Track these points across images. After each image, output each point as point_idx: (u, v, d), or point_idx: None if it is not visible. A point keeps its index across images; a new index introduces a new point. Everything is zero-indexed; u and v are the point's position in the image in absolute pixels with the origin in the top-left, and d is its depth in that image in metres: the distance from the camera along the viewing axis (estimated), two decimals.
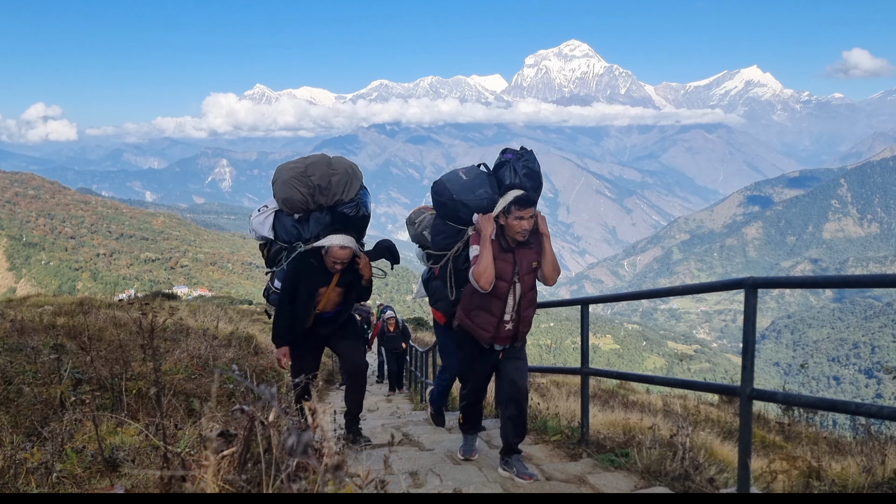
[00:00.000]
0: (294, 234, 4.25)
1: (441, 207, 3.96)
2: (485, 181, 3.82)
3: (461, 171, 3.94)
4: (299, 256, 4.19)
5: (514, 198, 3.55)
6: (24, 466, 2.28)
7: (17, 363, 4.31)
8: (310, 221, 4.23)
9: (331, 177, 4.13)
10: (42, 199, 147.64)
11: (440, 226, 4.02)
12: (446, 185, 3.88)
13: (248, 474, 1.68)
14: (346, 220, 4.22)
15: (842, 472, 3.34)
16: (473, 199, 3.76)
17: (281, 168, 4.29)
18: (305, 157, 4.32)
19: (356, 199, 4.24)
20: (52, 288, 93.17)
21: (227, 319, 14.02)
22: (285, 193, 4.16)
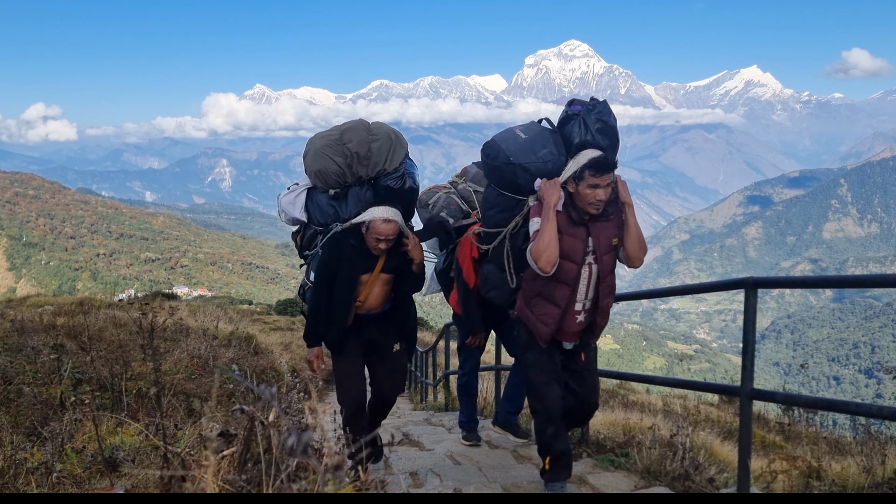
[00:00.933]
0: (330, 213, 3.59)
1: (494, 174, 3.29)
2: (548, 139, 3.17)
3: (518, 129, 3.28)
4: (335, 237, 3.51)
5: (589, 160, 2.89)
6: (24, 466, 2.28)
7: (17, 363, 4.31)
8: (348, 198, 3.56)
9: (370, 143, 3.46)
10: (42, 199, 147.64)
11: (493, 197, 3.37)
12: (500, 145, 3.21)
13: (248, 474, 1.68)
14: (391, 195, 3.51)
15: (842, 472, 3.33)
16: (535, 161, 3.11)
17: (313, 137, 3.66)
18: (341, 124, 3.65)
19: (401, 170, 3.54)
20: (52, 288, 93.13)
21: (227, 319, 14.01)
22: (318, 165, 3.50)
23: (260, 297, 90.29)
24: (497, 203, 3.34)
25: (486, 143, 3.32)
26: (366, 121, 3.63)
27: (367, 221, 3.38)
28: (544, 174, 3.07)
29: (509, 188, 3.23)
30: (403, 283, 3.65)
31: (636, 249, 3.01)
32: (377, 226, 3.36)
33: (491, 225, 3.41)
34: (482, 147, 3.34)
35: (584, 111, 3.14)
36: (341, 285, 3.49)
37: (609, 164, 2.90)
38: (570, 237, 2.94)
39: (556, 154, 3.12)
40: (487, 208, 3.43)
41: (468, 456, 4.20)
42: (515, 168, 3.13)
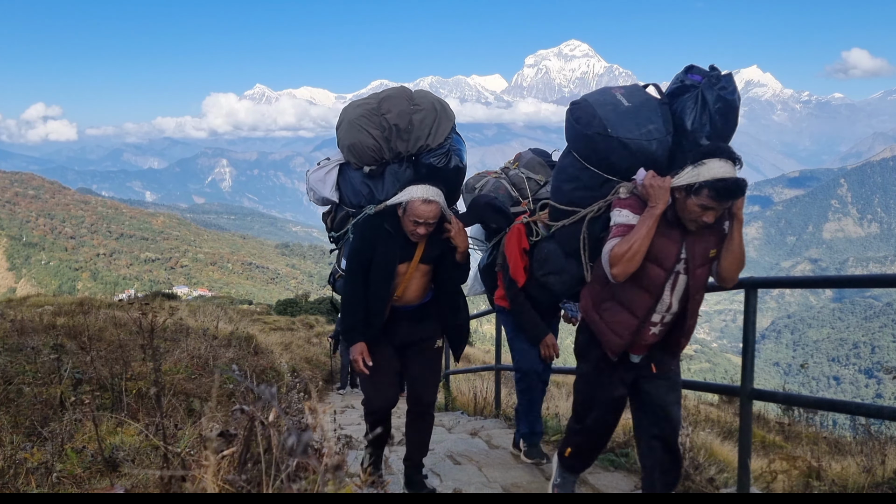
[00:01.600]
0: (364, 194, 3.17)
1: (582, 143, 2.65)
2: (656, 112, 2.55)
3: (619, 93, 2.61)
4: (368, 220, 3.08)
5: (715, 180, 2.31)
6: (24, 466, 2.28)
7: (17, 363, 4.31)
8: (385, 177, 3.13)
9: (412, 115, 3.04)
10: (42, 199, 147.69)
11: (573, 169, 2.72)
12: (597, 111, 2.58)
13: (248, 474, 1.68)
14: (434, 175, 3.07)
15: (842, 472, 3.34)
16: (638, 138, 2.50)
17: (348, 106, 3.25)
18: (380, 92, 3.21)
19: (447, 146, 3.12)
20: (51, 288, 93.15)
21: (227, 319, 14.01)
22: (352, 137, 3.08)
23: (260, 297, 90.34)
24: (577, 178, 2.70)
25: (577, 103, 2.70)
26: (408, 88, 3.21)
27: (404, 202, 2.93)
28: (645, 156, 2.50)
29: (598, 163, 2.60)
30: (445, 275, 3.18)
31: (734, 268, 2.52)
32: (415, 207, 2.91)
33: (564, 201, 2.80)
34: (570, 107, 2.73)
35: (704, 84, 2.52)
36: (375, 277, 3.05)
37: (740, 190, 2.34)
38: (662, 238, 2.45)
39: (664, 132, 2.52)
40: (563, 181, 2.79)
41: (468, 456, 4.20)
42: (612, 142, 2.51)
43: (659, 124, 2.53)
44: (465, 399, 7.34)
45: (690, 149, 2.47)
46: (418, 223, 2.94)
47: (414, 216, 2.93)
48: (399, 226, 3.02)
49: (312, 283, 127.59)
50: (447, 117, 3.14)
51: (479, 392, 7.05)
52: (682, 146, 2.53)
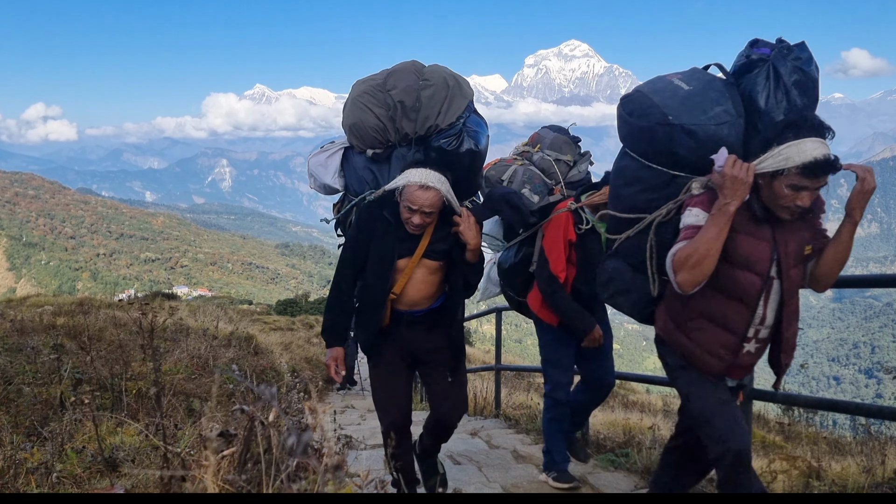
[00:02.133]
0: (368, 181, 2.89)
1: (640, 138, 2.33)
2: (722, 93, 2.22)
3: (676, 78, 2.31)
4: (366, 208, 2.80)
5: (810, 161, 2.00)
6: (23, 466, 2.28)
7: (16, 363, 4.30)
8: (391, 162, 2.84)
9: (420, 91, 2.73)
10: (42, 199, 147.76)
11: (633, 169, 2.37)
12: (652, 98, 2.27)
13: (248, 474, 1.68)
14: (445, 159, 2.74)
15: (842, 472, 3.34)
16: (705, 123, 2.17)
17: (355, 84, 2.95)
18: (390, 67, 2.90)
19: (459, 126, 2.76)
20: (51, 288, 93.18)
21: (227, 319, 14.01)
22: (354, 117, 2.80)
23: (260, 297, 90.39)
24: (638, 179, 2.35)
25: (628, 96, 2.42)
26: (419, 62, 2.89)
27: (401, 187, 2.61)
28: (716, 143, 2.15)
29: (661, 159, 2.27)
30: (453, 275, 2.81)
31: (836, 268, 2.22)
32: (410, 192, 2.57)
33: (625, 208, 2.42)
34: (621, 102, 2.44)
35: (774, 56, 2.20)
36: (372, 271, 2.74)
37: (832, 167, 2.05)
38: (750, 238, 2.14)
39: (734, 114, 2.19)
40: (622, 185, 2.43)
41: (468, 456, 4.20)
42: (675, 131, 2.19)
43: (728, 106, 2.19)
44: None
45: (767, 131, 2.12)
46: (412, 210, 2.60)
47: (408, 202, 2.59)
48: (399, 215, 2.70)
49: (312, 283, 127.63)
50: (461, 94, 2.78)
51: (479, 392, 7.06)
52: (757, 129, 2.18)
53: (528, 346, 68.14)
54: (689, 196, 2.22)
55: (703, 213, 2.14)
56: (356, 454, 4.29)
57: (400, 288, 2.75)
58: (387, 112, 2.75)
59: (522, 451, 4.38)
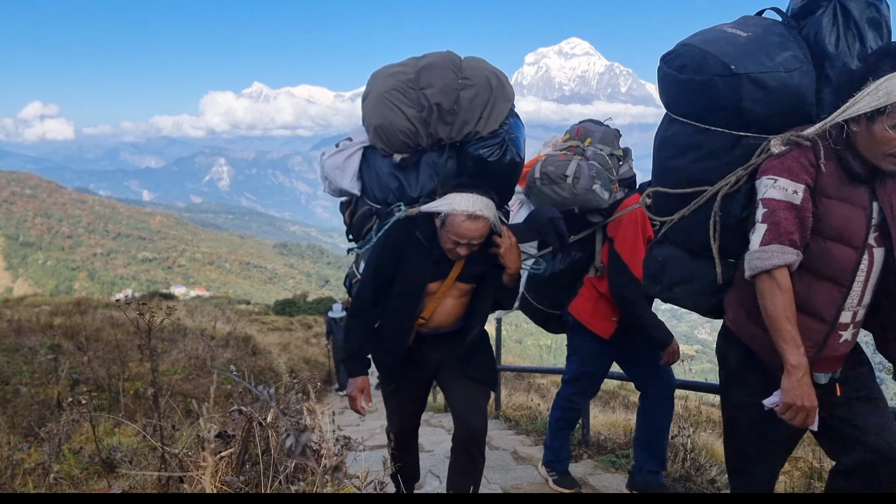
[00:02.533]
0: (392, 188, 2.55)
1: (697, 97, 1.94)
2: (786, 38, 1.89)
3: (729, 27, 1.98)
4: (397, 226, 2.45)
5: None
6: (21, 467, 2.26)
7: (14, 363, 4.29)
8: (420, 169, 2.52)
9: (460, 91, 2.41)
10: (39, 199, 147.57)
11: (686, 136, 2.00)
12: (707, 49, 1.91)
13: (247, 475, 1.67)
14: (484, 170, 2.46)
15: None
16: (774, 70, 1.83)
17: (378, 74, 2.56)
18: (420, 57, 2.55)
19: (502, 135, 2.46)
20: (49, 288, 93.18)
21: (225, 320, 14.00)
22: (381, 117, 2.46)
23: (258, 297, 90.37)
24: (693, 145, 1.98)
25: (674, 51, 2.03)
26: (455, 55, 2.53)
27: (444, 214, 2.30)
28: (789, 93, 1.83)
29: (723, 118, 1.90)
30: (483, 297, 2.54)
31: None
32: (457, 223, 2.27)
33: (677, 182, 2.05)
34: (665, 59, 2.07)
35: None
36: (400, 293, 2.45)
37: None
38: (844, 205, 1.77)
39: (804, 60, 1.86)
40: (673, 156, 2.07)
41: None
42: (740, 82, 1.83)
43: (795, 51, 1.86)
44: None
45: (839, 79, 1.84)
46: (459, 243, 2.30)
47: (454, 234, 2.29)
48: (434, 236, 2.40)
49: (311, 283, 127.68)
50: (504, 96, 2.47)
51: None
52: (828, 78, 1.87)
53: (527, 346, 68.23)
54: (766, 158, 1.83)
55: (791, 183, 1.75)
56: (355, 455, 4.27)
57: (429, 313, 2.50)
58: (419, 114, 2.42)
59: (522, 452, 4.37)
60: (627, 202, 2.96)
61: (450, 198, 2.29)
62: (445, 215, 2.30)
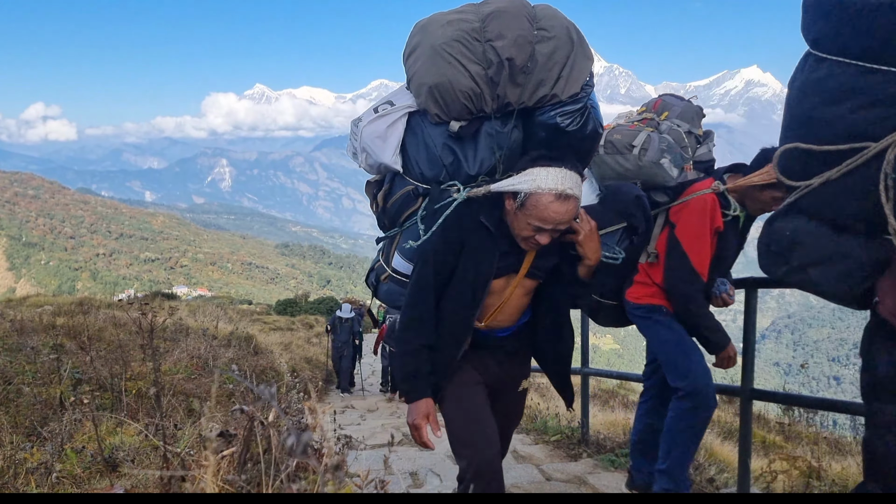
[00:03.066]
0: (446, 163, 2.08)
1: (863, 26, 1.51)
2: None
3: None
4: (459, 211, 1.99)
5: None
6: (23, 466, 2.28)
7: (16, 363, 4.30)
8: (478, 140, 2.06)
9: (535, 45, 1.96)
10: (41, 199, 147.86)
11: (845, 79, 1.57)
12: None
13: (248, 474, 1.68)
14: (561, 142, 2.01)
15: (842, 472, 3.34)
16: None
17: (431, 22, 2.08)
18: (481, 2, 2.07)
19: (584, 100, 2.00)
20: (51, 288, 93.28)
21: (227, 319, 14.02)
22: (438, 74, 1.97)
23: (259, 297, 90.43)
24: (855, 90, 1.55)
25: None
26: (528, 2, 2.05)
27: (525, 194, 1.86)
28: None
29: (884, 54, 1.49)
30: (557, 295, 2.13)
31: None
32: (543, 204, 1.84)
33: (828, 136, 1.63)
34: None
35: None
36: (457, 293, 2.01)
37: None
38: None
39: None
40: (822, 103, 1.62)
41: None
42: None
43: None
44: None
45: None
46: (542, 230, 1.88)
47: (538, 219, 1.86)
48: (502, 223, 1.99)
49: (312, 283, 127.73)
50: (585, 54, 2.02)
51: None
52: None
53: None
54: None
55: None
56: (356, 454, 4.29)
57: (491, 316, 2.09)
58: (485, 71, 1.95)
59: (522, 451, 4.38)
60: (698, 186, 2.61)
61: (532, 174, 1.86)
62: (526, 195, 1.86)
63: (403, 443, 4.85)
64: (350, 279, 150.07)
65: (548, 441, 4.62)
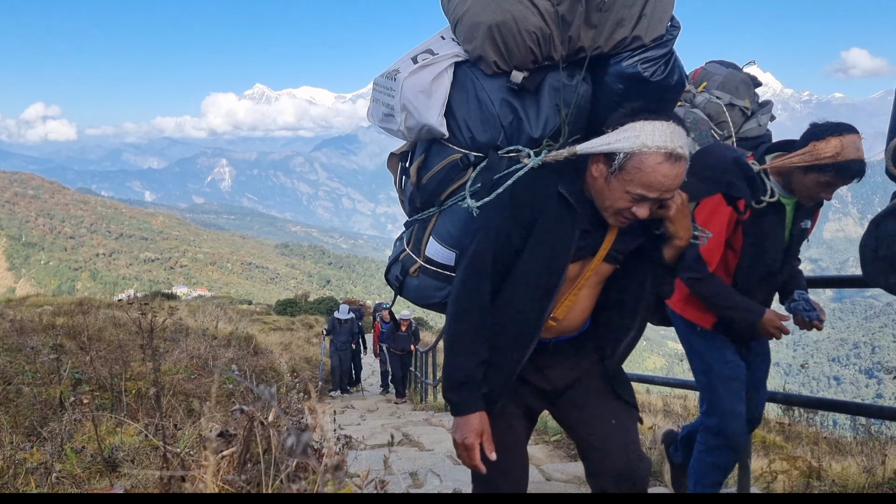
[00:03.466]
0: (506, 124, 1.70)
1: None
2: None
3: None
4: (530, 180, 1.63)
5: None
6: (23, 466, 2.27)
7: (16, 363, 4.30)
8: (541, 96, 1.69)
9: None
10: (41, 199, 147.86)
11: None
12: None
13: (248, 474, 1.68)
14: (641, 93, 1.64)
15: (842, 472, 3.34)
16: None
17: None
18: None
19: (668, 43, 1.65)
20: (51, 288, 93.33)
21: (227, 319, 14.02)
22: (500, 11, 1.63)
23: (259, 297, 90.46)
24: None
25: None
26: None
27: (625, 154, 1.50)
28: None
29: None
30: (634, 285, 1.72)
31: None
32: (650, 167, 1.49)
33: None
34: None
35: None
36: (525, 281, 1.64)
37: None
38: None
39: None
40: None
41: None
42: None
43: None
44: None
45: None
46: (644, 199, 1.51)
47: (642, 185, 1.49)
48: (582, 194, 1.62)
49: (312, 283, 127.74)
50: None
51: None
52: None
53: None
54: None
55: None
56: (356, 454, 4.29)
57: (563, 312, 1.70)
58: (555, 7, 1.61)
59: None
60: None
61: (635, 129, 1.49)
62: (627, 156, 1.49)
63: (403, 443, 4.85)
64: (350, 279, 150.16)
65: (548, 441, 4.62)
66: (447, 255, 1.81)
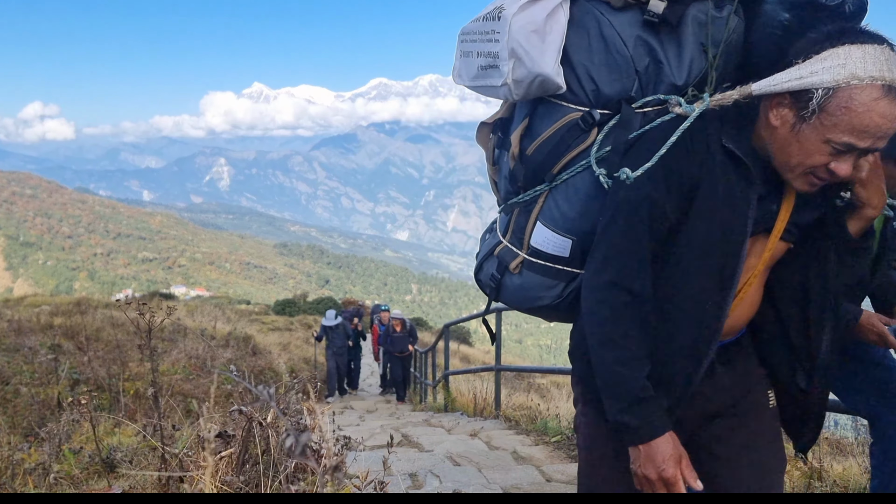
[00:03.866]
0: (641, 69, 1.29)
1: None
2: None
3: None
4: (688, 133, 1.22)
5: None
6: (21, 467, 2.26)
7: (14, 363, 4.29)
8: (683, 32, 1.29)
9: None
10: (39, 199, 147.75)
11: None
12: None
13: (247, 475, 1.67)
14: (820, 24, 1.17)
15: (843, 472, 3.33)
16: None
17: None
18: None
19: None
20: (49, 288, 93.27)
21: (225, 320, 14.01)
22: None
23: (258, 297, 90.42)
24: None
25: None
26: None
27: (826, 90, 1.11)
28: None
29: None
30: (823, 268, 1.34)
31: None
32: (865, 104, 1.09)
33: None
34: None
35: None
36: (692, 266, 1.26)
37: None
38: None
39: None
40: None
41: (468, 457, 4.19)
42: None
43: None
44: (464, 400, 7.33)
45: None
46: (852, 148, 1.14)
47: (852, 129, 1.12)
48: (753, 151, 1.26)
49: (311, 283, 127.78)
50: None
51: (479, 393, 7.05)
52: None
53: (527, 346, 68.24)
54: None
55: None
56: (355, 455, 4.28)
57: (738, 300, 1.33)
58: None
59: (522, 452, 4.37)
60: None
61: (839, 56, 1.11)
62: (828, 94, 1.12)
63: (403, 444, 4.84)
64: (349, 279, 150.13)
65: (548, 442, 4.61)
66: (559, 244, 1.43)
